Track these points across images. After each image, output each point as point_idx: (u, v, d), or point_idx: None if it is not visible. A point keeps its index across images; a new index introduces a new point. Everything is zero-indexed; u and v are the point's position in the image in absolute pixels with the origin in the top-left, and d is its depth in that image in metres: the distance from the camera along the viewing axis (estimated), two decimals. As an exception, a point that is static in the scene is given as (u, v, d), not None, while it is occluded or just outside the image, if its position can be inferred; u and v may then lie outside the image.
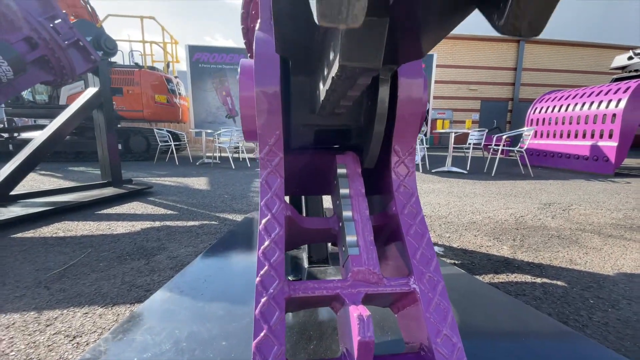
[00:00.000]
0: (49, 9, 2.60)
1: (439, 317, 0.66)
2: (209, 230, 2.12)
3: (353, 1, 0.25)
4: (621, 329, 1.09)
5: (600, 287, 1.38)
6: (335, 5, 0.26)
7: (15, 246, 1.80)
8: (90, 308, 1.17)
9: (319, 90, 0.63)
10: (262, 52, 0.74)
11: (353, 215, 0.79)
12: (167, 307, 1.10)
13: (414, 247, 0.75)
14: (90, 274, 1.46)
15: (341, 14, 0.26)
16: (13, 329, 1.04)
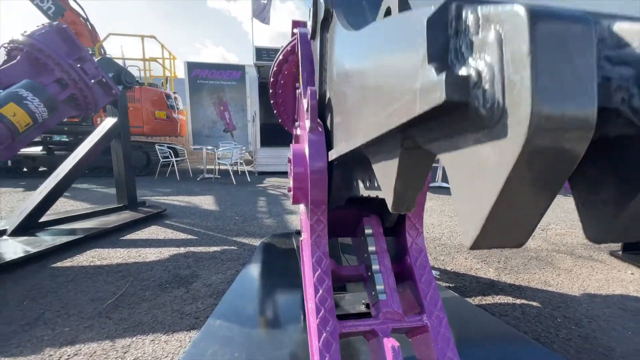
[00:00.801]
0: (77, 51, 2.83)
1: (444, 344, 0.94)
2: (231, 257, 2.37)
3: (414, 199, 0.53)
4: (581, 344, 1.39)
5: (567, 306, 1.69)
6: (404, 203, 0.54)
7: (60, 276, 2.01)
8: (155, 335, 1.41)
9: (358, 184, 0.92)
10: (315, 152, 1.02)
11: (380, 268, 1.07)
12: (222, 334, 1.35)
13: (424, 291, 1.03)
14: (141, 303, 1.69)
15: (406, 207, 0.54)
16: (97, 357, 1.28)
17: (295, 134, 1.80)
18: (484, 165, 0.27)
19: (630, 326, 1.54)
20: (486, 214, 0.27)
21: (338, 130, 0.95)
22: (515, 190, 0.25)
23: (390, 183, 0.53)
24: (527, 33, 0.21)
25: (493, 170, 0.26)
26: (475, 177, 0.29)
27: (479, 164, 0.28)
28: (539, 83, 0.21)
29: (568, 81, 0.21)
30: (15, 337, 1.39)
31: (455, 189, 0.32)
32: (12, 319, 1.52)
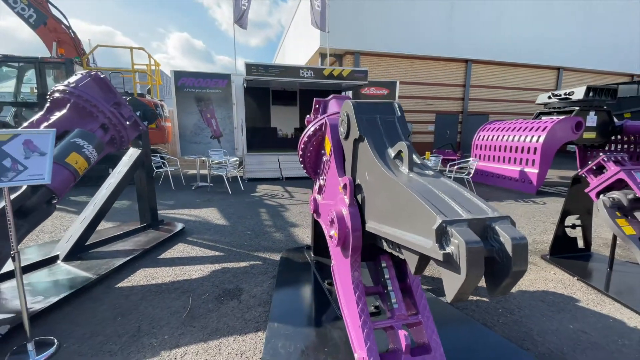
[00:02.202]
0: (113, 96, 3.25)
1: (430, 332, 1.65)
2: (260, 271, 2.98)
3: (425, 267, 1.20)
4: (513, 326, 2.18)
5: (506, 300, 2.50)
6: (421, 271, 1.23)
7: (131, 295, 2.54)
8: (233, 337, 2.02)
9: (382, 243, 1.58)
10: (355, 220, 1.66)
11: (392, 288, 1.75)
12: (283, 332, 2.00)
13: (418, 301, 1.73)
14: (210, 313, 2.28)
15: (421, 271, 1.23)
16: (200, 355, 1.87)
17: (320, 185, 2.44)
18: (453, 276, 0.96)
19: (546, 314, 2.35)
20: (455, 291, 0.97)
21: (369, 209, 1.60)
22: (465, 285, 0.95)
23: (414, 262, 1.21)
24: (464, 252, 0.90)
25: (457, 279, 0.95)
26: (451, 278, 0.98)
27: (450, 276, 0.97)
28: (468, 265, 0.90)
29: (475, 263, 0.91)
30: (132, 345, 1.95)
31: (444, 280, 1.02)
32: (119, 333, 2.07)
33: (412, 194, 1.21)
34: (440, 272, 1.05)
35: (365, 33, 14.02)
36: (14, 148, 1.71)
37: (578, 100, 6.97)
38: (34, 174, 1.70)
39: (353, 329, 1.73)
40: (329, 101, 2.52)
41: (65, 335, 2.02)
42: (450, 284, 1.03)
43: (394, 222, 1.35)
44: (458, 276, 0.99)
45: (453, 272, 1.01)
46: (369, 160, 1.62)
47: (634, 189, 2.60)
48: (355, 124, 1.72)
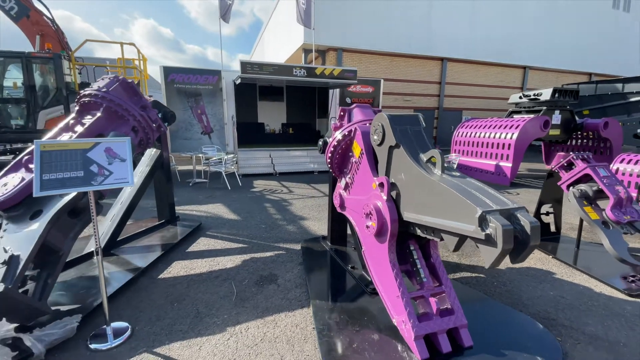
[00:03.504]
0: (139, 100, 3.41)
1: (452, 298, 2.10)
2: (286, 259, 3.32)
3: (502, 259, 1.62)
4: (507, 295, 2.69)
5: (499, 276, 3.01)
6: (459, 249, 1.66)
7: (177, 285, 2.80)
8: (284, 313, 2.37)
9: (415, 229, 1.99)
10: (392, 213, 2.06)
11: (421, 265, 2.18)
12: (325, 307, 2.38)
13: (441, 275, 2.17)
14: (257, 295, 2.61)
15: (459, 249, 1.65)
16: (259, 329, 2.21)
17: (346, 182, 2.80)
18: (491, 250, 1.40)
19: (531, 284, 2.89)
20: (492, 260, 1.40)
21: (405, 203, 2.00)
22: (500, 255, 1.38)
23: (453, 242, 1.64)
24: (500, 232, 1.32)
25: (494, 251, 1.38)
26: (489, 251, 1.41)
27: (488, 250, 1.40)
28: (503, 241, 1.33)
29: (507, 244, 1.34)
30: (198, 325, 2.25)
31: (483, 254, 1.45)
32: (182, 315, 2.36)
33: (453, 191, 1.63)
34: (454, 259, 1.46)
35: (348, 30, 14.35)
36: (98, 155, 1.94)
37: (545, 100, 7.75)
38: (120, 178, 1.95)
39: (390, 300, 2.14)
40: (353, 109, 2.88)
41: (133, 320, 2.29)
42: (488, 255, 1.46)
43: (434, 213, 1.76)
44: (495, 249, 1.41)
45: (491, 247, 1.43)
46: (405, 164, 2.01)
47: (598, 182, 3.19)
48: (391, 133, 2.10)
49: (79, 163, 1.86)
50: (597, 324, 2.30)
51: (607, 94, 11.64)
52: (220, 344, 2.05)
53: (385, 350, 1.97)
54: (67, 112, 7.08)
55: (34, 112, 6.89)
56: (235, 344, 2.05)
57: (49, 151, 1.83)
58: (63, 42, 7.92)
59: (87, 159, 1.89)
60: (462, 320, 2.03)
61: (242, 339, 2.10)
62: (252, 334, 2.15)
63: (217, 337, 2.11)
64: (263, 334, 2.15)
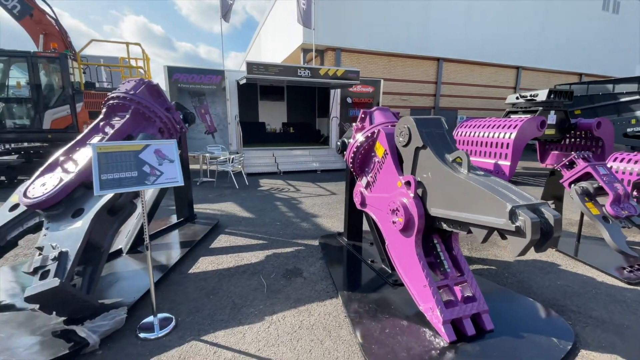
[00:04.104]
0: (164, 102, 3.53)
1: (474, 287, 2.29)
2: (306, 254, 3.48)
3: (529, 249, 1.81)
4: (518, 284, 2.89)
5: (509, 267, 3.22)
6: (487, 240, 1.85)
7: (208, 279, 2.94)
8: (315, 302, 2.53)
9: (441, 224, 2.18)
10: (419, 209, 2.24)
11: (444, 257, 2.37)
12: (353, 297, 2.55)
13: (463, 265, 2.37)
14: (286, 287, 2.77)
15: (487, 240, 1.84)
16: (296, 317, 2.37)
17: (367, 181, 2.97)
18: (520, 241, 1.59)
19: (539, 275, 3.10)
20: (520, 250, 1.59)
21: (432, 200, 2.17)
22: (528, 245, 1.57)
23: (482, 235, 1.83)
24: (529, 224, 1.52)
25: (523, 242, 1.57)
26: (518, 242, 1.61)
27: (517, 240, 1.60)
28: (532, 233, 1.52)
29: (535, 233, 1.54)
30: (237, 314, 2.40)
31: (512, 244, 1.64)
32: (220, 306, 2.50)
33: (482, 189, 1.81)
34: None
35: (346, 30, 14.51)
36: (149, 156, 2.07)
37: (541, 101, 8.03)
38: (170, 177, 2.08)
39: (416, 289, 2.31)
40: (374, 112, 3.05)
41: (173, 312, 2.42)
42: (516, 245, 1.65)
43: (463, 208, 1.94)
44: (524, 240, 1.60)
45: (520, 237, 1.62)
46: (432, 164, 2.19)
47: (598, 179, 3.42)
48: (417, 135, 2.28)
49: (133, 164, 2.00)
50: (602, 309, 2.52)
51: (598, 94, 12.04)
52: (262, 331, 2.20)
53: (415, 334, 2.15)
54: (72, 112, 7.11)
55: (40, 111, 6.89)
56: (276, 331, 2.20)
57: (104, 153, 1.95)
58: (66, 41, 7.92)
59: (139, 160, 2.02)
60: (483, 307, 2.23)
61: (281, 326, 2.26)
62: (289, 322, 2.31)
63: (258, 325, 2.27)
64: (300, 322, 2.31)
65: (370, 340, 2.09)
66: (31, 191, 2.54)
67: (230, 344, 2.08)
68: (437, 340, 2.08)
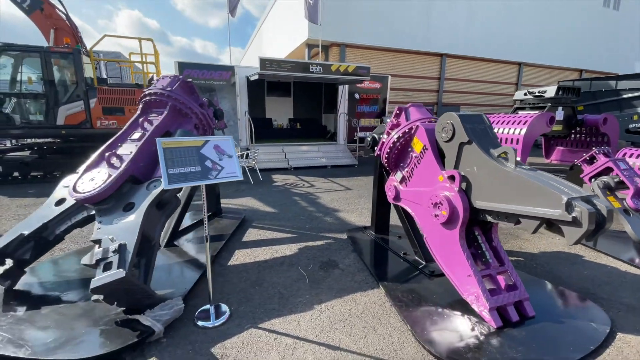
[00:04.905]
0: (197, 99, 3.58)
1: (515, 276, 2.41)
2: (338, 247, 3.58)
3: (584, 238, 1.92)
4: (546, 275, 3.02)
5: (535, 259, 3.35)
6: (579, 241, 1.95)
7: (249, 270, 3.03)
8: (358, 292, 2.64)
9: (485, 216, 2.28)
10: (464, 203, 2.34)
11: (486, 248, 2.47)
12: (395, 287, 2.66)
13: (503, 256, 2.48)
14: (326, 278, 2.87)
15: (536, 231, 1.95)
16: (341, 306, 2.47)
17: (403, 176, 3.05)
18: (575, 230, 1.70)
19: (565, 265, 3.23)
20: (576, 239, 1.70)
21: (477, 193, 2.27)
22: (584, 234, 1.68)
23: (532, 226, 1.93)
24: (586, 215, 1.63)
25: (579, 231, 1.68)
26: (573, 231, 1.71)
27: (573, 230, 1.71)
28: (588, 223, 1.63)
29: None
30: (287, 303, 2.50)
31: (567, 234, 1.75)
32: (268, 296, 2.60)
33: (535, 182, 1.91)
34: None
35: (350, 26, 14.51)
36: (209, 151, 2.15)
37: (550, 97, 8.15)
38: (230, 172, 2.16)
39: (459, 279, 2.42)
40: (409, 108, 3.14)
41: (225, 302, 2.51)
42: (572, 235, 1.76)
43: (513, 201, 2.04)
44: (580, 230, 1.71)
45: (576, 227, 1.72)
46: (478, 158, 2.29)
47: (619, 174, 3.54)
48: (463, 131, 2.37)
49: (196, 159, 2.07)
50: (631, 297, 2.66)
51: (601, 91, 12.21)
52: (315, 319, 2.30)
53: (461, 321, 2.26)
54: (86, 107, 7.11)
55: (54, 107, 6.88)
56: (328, 319, 2.31)
57: (169, 148, 2.03)
58: (77, 36, 7.88)
59: (201, 156, 2.10)
60: (524, 294, 2.35)
61: (332, 314, 2.36)
62: (338, 311, 2.41)
63: (309, 313, 2.37)
64: (348, 310, 2.42)
65: (421, 327, 2.19)
66: (80, 186, 2.60)
67: (288, 331, 2.18)
68: (483, 326, 2.20)
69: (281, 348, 2.02)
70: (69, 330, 2.11)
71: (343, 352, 1.99)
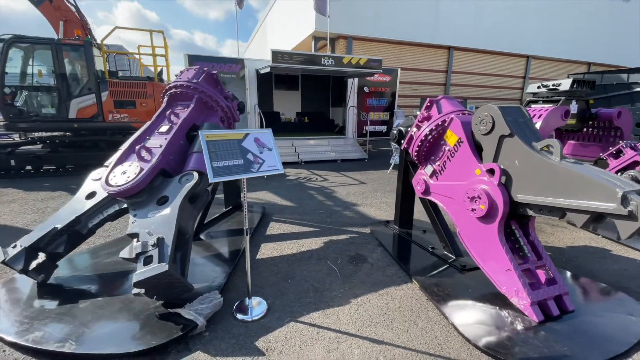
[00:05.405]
0: (222, 91, 3.54)
1: (553, 270, 2.39)
2: (363, 241, 3.57)
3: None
4: (576, 269, 3.01)
5: (563, 253, 3.34)
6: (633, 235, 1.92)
7: (279, 264, 3.03)
8: (392, 286, 2.63)
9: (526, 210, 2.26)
10: (504, 196, 2.31)
11: (524, 242, 2.45)
12: (427, 281, 2.65)
13: (541, 250, 2.46)
14: (356, 272, 2.86)
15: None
16: (377, 300, 2.47)
17: (434, 169, 3.02)
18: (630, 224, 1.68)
19: (595, 259, 3.22)
20: (630, 232, 1.68)
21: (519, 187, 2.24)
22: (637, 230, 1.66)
23: (581, 220, 1.91)
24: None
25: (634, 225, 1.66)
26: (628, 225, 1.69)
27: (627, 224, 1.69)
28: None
29: None
30: (323, 297, 2.49)
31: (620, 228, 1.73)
32: (302, 290, 2.59)
33: (586, 175, 1.89)
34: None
35: (357, 18, 14.34)
36: (250, 144, 2.12)
37: (564, 90, 8.06)
38: (271, 166, 2.14)
39: (496, 273, 2.41)
40: (440, 100, 3.09)
41: (260, 295, 2.51)
42: (626, 229, 1.73)
43: (561, 194, 2.01)
44: (635, 223, 1.68)
45: (630, 221, 1.70)
46: (521, 151, 2.26)
47: (647, 168, 3.51)
48: (503, 123, 2.34)
49: (238, 152, 2.05)
50: (665, 291, 2.65)
51: (613, 84, 12.08)
52: (354, 313, 2.30)
53: (500, 315, 2.26)
54: (98, 101, 7.06)
55: (66, 100, 6.83)
56: (367, 313, 2.30)
57: (212, 141, 2.00)
58: (87, 28, 7.79)
59: (242, 149, 2.07)
60: (564, 289, 2.33)
61: (370, 308, 2.36)
62: (376, 305, 2.40)
63: (347, 307, 2.37)
64: (385, 304, 2.41)
65: (462, 321, 2.19)
66: (113, 179, 2.58)
67: (328, 325, 2.17)
68: (524, 320, 2.19)
69: (325, 342, 2.02)
70: (112, 324, 2.11)
71: (388, 346, 1.99)
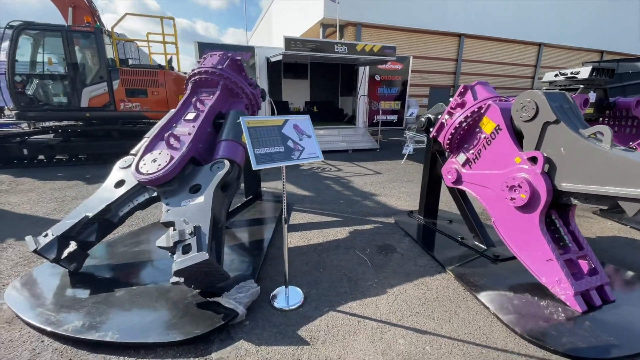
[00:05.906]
0: (246, 78, 3.46)
1: (594, 260, 2.34)
2: (388, 231, 3.53)
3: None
4: (611, 259, 2.96)
5: (595, 243, 3.28)
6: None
7: (307, 253, 3.00)
8: (426, 277, 2.60)
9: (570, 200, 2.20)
10: (547, 184, 2.25)
11: (564, 232, 2.40)
12: (457, 272, 2.61)
13: (582, 240, 2.40)
14: (387, 263, 2.83)
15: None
16: (412, 289, 2.44)
17: (467, 158, 2.95)
18: None
19: (625, 249, 3.17)
20: None
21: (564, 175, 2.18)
22: None
23: (635, 209, 1.85)
24: None
25: None
26: None
27: None
28: None
29: None
30: (358, 286, 2.47)
31: None
32: (336, 279, 2.57)
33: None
34: None
35: (366, 5, 14.02)
36: (290, 131, 2.06)
37: (583, 79, 7.87)
38: (311, 153, 2.08)
39: (536, 264, 2.36)
40: (475, 87, 3.00)
41: (295, 284, 2.49)
42: None
43: (610, 182, 1.95)
44: None
45: None
46: (567, 138, 2.18)
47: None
48: (549, 110, 2.26)
49: (278, 139, 1.99)
50: None
51: (628, 73, 11.81)
52: (392, 302, 2.27)
53: (541, 305, 2.22)
54: (110, 89, 6.98)
55: (78, 89, 6.76)
56: (405, 303, 2.28)
57: (254, 127, 1.94)
58: (96, 15, 7.66)
59: (283, 135, 2.02)
60: (605, 279, 2.29)
61: (407, 298, 2.33)
62: (413, 295, 2.38)
63: (384, 297, 2.34)
64: (422, 294, 2.39)
65: (504, 311, 2.16)
66: (144, 167, 2.54)
67: (369, 314, 2.15)
68: (567, 310, 2.16)
69: (368, 331, 1.99)
70: (152, 313, 2.10)
71: (432, 336, 1.96)
